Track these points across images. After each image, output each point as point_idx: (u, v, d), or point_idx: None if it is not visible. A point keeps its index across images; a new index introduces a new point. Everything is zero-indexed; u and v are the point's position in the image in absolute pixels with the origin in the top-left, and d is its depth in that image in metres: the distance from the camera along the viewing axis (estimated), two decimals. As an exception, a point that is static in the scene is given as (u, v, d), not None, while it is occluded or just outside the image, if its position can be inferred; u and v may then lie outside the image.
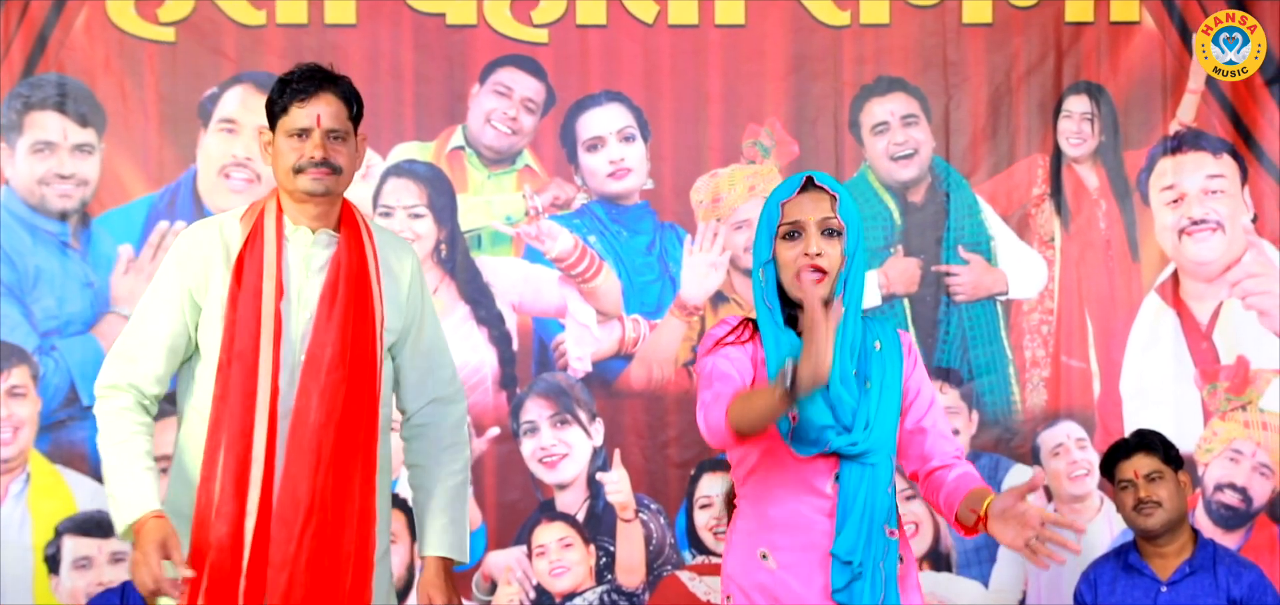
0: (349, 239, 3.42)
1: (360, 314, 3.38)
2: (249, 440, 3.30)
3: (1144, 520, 4.42)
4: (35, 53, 4.83)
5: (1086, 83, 5.02)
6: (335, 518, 3.33)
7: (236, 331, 3.32)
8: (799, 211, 3.14)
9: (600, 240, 4.95)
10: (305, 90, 3.36)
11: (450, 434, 3.59)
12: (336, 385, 3.33)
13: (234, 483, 3.29)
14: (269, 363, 3.31)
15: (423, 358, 3.55)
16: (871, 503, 3.12)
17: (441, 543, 3.56)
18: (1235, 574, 4.45)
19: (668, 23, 4.98)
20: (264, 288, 3.34)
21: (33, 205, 4.83)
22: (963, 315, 4.99)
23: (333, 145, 3.36)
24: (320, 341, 3.34)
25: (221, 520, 3.28)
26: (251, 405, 3.31)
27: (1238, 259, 5.03)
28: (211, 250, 3.39)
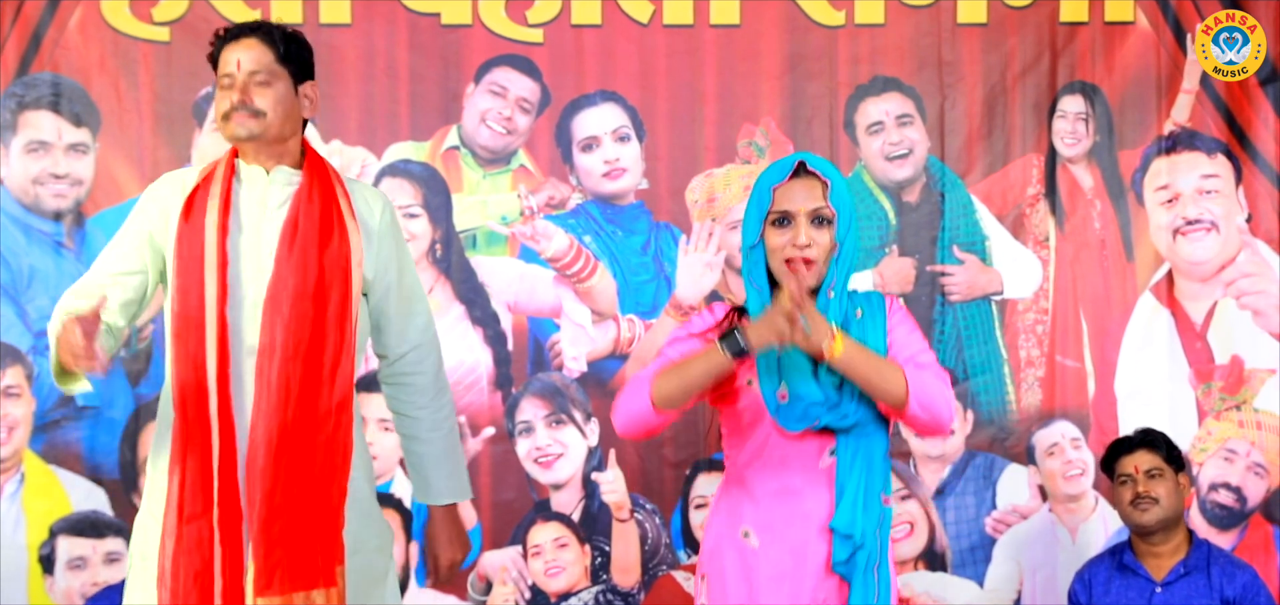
0: (312, 175, 3.41)
1: (325, 248, 3.36)
2: (202, 371, 3.29)
3: (1140, 515, 4.43)
4: (30, 52, 4.83)
5: (1081, 83, 5.03)
6: (305, 451, 3.31)
7: (182, 268, 3.34)
8: (789, 200, 3.14)
9: (595, 240, 4.95)
10: (230, 36, 3.39)
11: (434, 381, 3.60)
12: (300, 323, 3.32)
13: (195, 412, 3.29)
14: (215, 293, 3.30)
15: (404, 303, 3.54)
16: (868, 472, 3.13)
17: (445, 489, 3.61)
18: (1229, 574, 4.46)
19: (663, 23, 4.98)
20: (207, 221, 3.34)
21: (27, 205, 4.83)
22: (958, 315, 5.00)
23: (255, 88, 3.36)
24: (282, 275, 3.34)
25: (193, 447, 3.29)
26: (201, 336, 3.30)
27: (1232, 259, 5.03)
28: (170, 195, 3.42)
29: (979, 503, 4.99)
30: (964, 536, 4.98)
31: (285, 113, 3.40)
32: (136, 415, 4.81)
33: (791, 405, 3.10)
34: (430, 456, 3.60)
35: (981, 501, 4.99)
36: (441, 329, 4.91)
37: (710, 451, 4.91)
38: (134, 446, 4.81)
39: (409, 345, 3.55)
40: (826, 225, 3.13)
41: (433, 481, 3.61)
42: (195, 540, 3.28)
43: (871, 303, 3.22)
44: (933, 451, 4.95)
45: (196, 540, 3.28)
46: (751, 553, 3.15)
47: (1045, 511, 5.00)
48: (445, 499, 3.62)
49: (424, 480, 3.62)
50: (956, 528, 4.98)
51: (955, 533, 4.98)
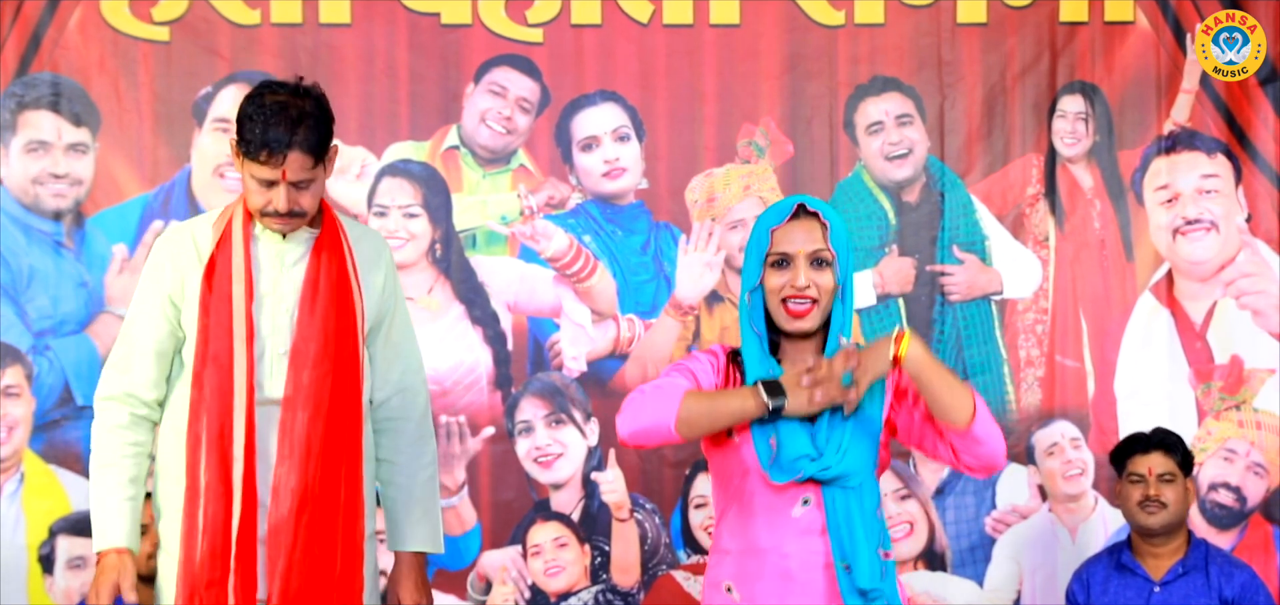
0: (327, 234, 3.47)
1: (341, 306, 3.44)
2: (229, 442, 3.37)
3: (1146, 518, 4.43)
4: (29, 52, 4.83)
5: (1081, 82, 5.03)
6: (326, 507, 3.39)
7: (210, 335, 3.39)
8: (788, 243, 3.09)
9: (595, 240, 4.95)
10: (273, 146, 3.33)
11: (418, 425, 3.61)
12: (323, 378, 3.40)
13: (219, 477, 3.36)
14: (243, 365, 3.37)
15: (393, 346, 3.58)
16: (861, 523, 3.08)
17: (417, 536, 3.61)
18: (1228, 574, 4.46)
19: (662, 22, 4.97)
20: (234, 292, 3.40)
21: (27, 205, 4.83)
22: (957, 315, 5.00)
23: (297, 193, 3.38)
24: (305, 335, 3.41)
25: (209, 523, 3.36)
26: (229, 406, 3.38)
27: (1232, 259, 5.03)
28: (185, 254, 3.46)
29: (978, 502, 4.99)
30: (964, 536, 4.98)
31: (320, 197, 3.46)
32: (136, 415, 4.81)
33: (778, 458, 3.06)
34: (404, 501, 3.60)
35: (981, 501, 4.99)
36: (442, 329, 4.91)
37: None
38: (134, 446, 4.81)
39: (392, 389, 3.58)
40: (827, 267, 3.10)
41: (404, 526, 3.61)
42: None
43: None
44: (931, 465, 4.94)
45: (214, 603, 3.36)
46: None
47: (1045, 511, 5.00)
48: (414, 546, 3.61)
49: (396, 524, 3.62)
50: (956, 527, 4.98)
51: (955, 532, 4.98)
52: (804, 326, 3.08)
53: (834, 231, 3.09)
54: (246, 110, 3.38)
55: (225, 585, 3.35)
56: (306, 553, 3.38)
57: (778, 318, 3.10)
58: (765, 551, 3.09)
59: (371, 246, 3.58)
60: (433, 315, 4.89)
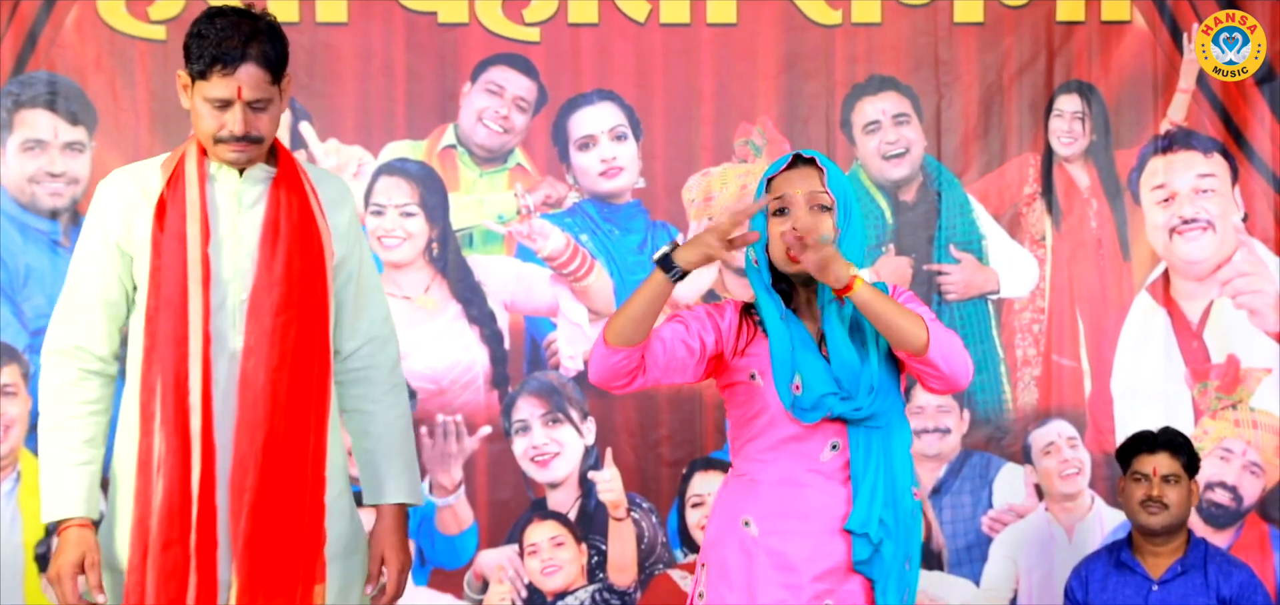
0: (285, 174, 3.29)
1: (306, 249, 3.26)
2: (185, 391, 3.18)
3: (1148, 518, 4.43)
4: (25, 51, 4.82)
5: (1078, 82, 5.03)
6: (291, 463, 3.22)
7: (162, 279, 3.20)
8: (786, 186, 3.16)
9: (592, 239, 4.95)
10: (226, 57, 3.16)
11: (389, 375, 3.46)
12: (288, 325, 3.22)
13: (175, 431, 3.17)
14: (199, 308, 3.19)
15: (362, 294, 3.42)
16: (889, 467, 3.13)
17: (399, 488, 3.45)
18: (1226, 573, 4.46)
19: (660, 21, 4.97)
20: (189, 231, 3.21)
21: (23, 203, 4.82)
22: (954, 314, 5.00)
23: (254, 116, 3.20)
24: (266, 279, 3.23)
25: (166, 473, 3.17)
26: (185, 353, 3.18)
27: (1228, 258, 5.04)
28: (132, 198, 3.27)
29: (975, 502, 4.99)
30: (960, 535, 4.99)
31: (277, 124, 3.29)
32: (133, 414, 4.81)
33: (804, 396, 3.10)
34: (382, 452, 3.44)
35: (978, 500, 4.99)
36: (438, 328, 4.91)
37: (708, 450, 4.91)
38: (130, 445, 4.80)
39: (363, 338, 3.43)
40: (826, 211, 3.15)
41: (385, 479, 3.44)
42: (170, 568, 3.17)
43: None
44: (929, 450, 4.95)
45: (172, 568, 3.17)
46: (751, 541, 3.16)
47: (1041, 510, 5.00)
48: (396, 498, 3.45)
49: (375, 478, 3.45)
50: (953, 527, 4.98)
51: (952, 532, 4.98)
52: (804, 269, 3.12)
53: (831, 177, 3.14)
54: (194, 32, 3.21)
55: (186, 544, 3.16)
56: (270, 511, 3.19)
57: (780, 263, 3.15)
58: (790, 491, 3.14)
59: (334, 187, 3.41)
60: (429, 314, 4.89)
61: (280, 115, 3.30)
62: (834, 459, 3.15)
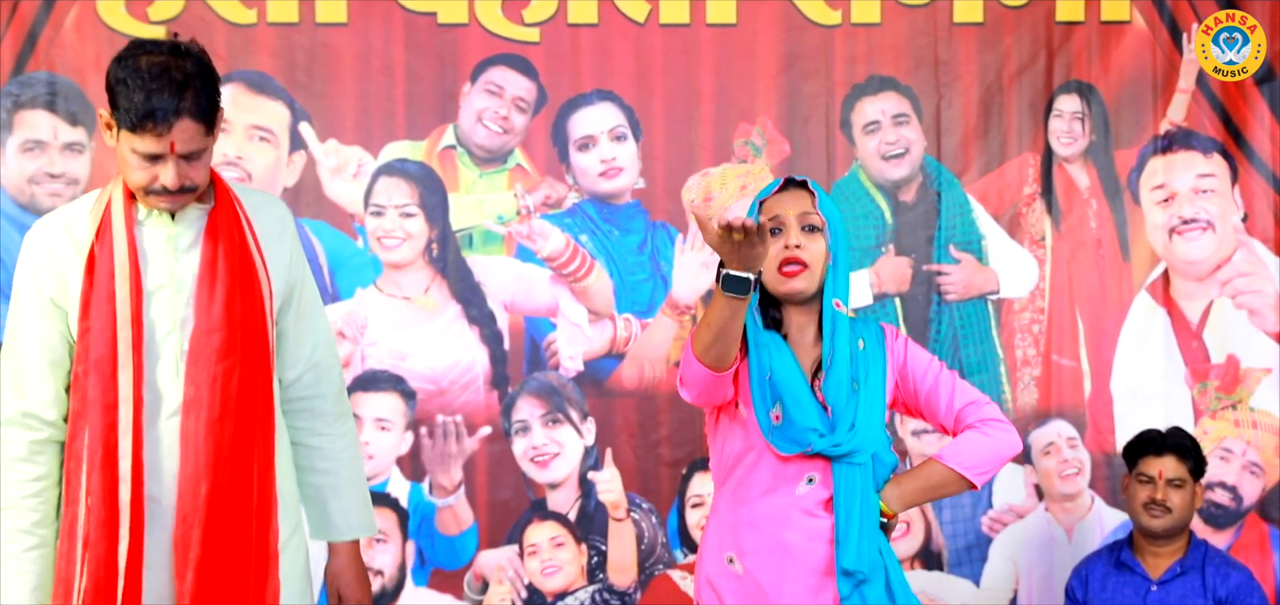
0: (222, 210, 3.09)
1: (245, 289, 3.07)
2: (114, 458, 3.00)
3: (1151, 520, 4.43)
4: (25, 51, 4.82)
5: (1077, 82, 5.03)
6: (235, 520, 3.06)
7: (91, 340, 3.01)
8: (778, 207, 3.17)
9: (592, 239, 4.95)
10: (158, 114, 2.93)
11: (335, 404, 3.30)
12: (229, 372, 3.04)
13: (103, 503, 3.00)
14: (129, 370, 3.01)
15: (304, 320, 3.24)
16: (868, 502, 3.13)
17: (351, 524, 3.31)
18: (1223, 574, 4.47)
19: (659, 22, 4.97)
20: (117, 288, 3.02)
21: (23, 204, 4.82)
22: (954, 314, 5.00)
23: (188, 167, 3.00)
24: (205, 327, 3.04)
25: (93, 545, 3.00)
26: (113, 420, 3.00)
27: (1228, 258, 5.04)
28: (61, 250, 3.08)
29: (975, 502, 4.99)
30: (960, 535, 4.98)
31: (209, 166, 3.09)
32: (132, 415, 4.80)
33: (784, 428, 3.09)
34: (331, 487, 3.29)
35: (978, 501, 4.99)
36: (438, 329, 4.91)
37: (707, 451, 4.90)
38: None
39: (305, 365, 3.26)
40: (818, 233, 3.14)
41: (333, 515, 3.30)
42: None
43: (870, 332, 3.23)
44: (929, 450, 4.95)
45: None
46: (737, 579, 3.16)
47: (1041, 511, 5.00)
48: (347, 535, 3.31)
49: (324, 515, 3.30)
50: (953, 527, 4.98)
51: (951, 532, 4.98)
52: (798, 287, 3.13)
53: (822, 201, 3.15)
54: (119, 75, 2.97)
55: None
56: (216, 567, 3.03)
57: (773, 284, 3.15)
58: (768, 526, 3.12)
59: (274, 215, 3.22)
60: (429, 315, 4.89)
61: (212, 154, 3.10)
62: (810, 493, 3.13)
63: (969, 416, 3.22)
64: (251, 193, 3.26)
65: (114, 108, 2.99)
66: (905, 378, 3.23)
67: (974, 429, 3.22)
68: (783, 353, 3.13)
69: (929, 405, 3.24)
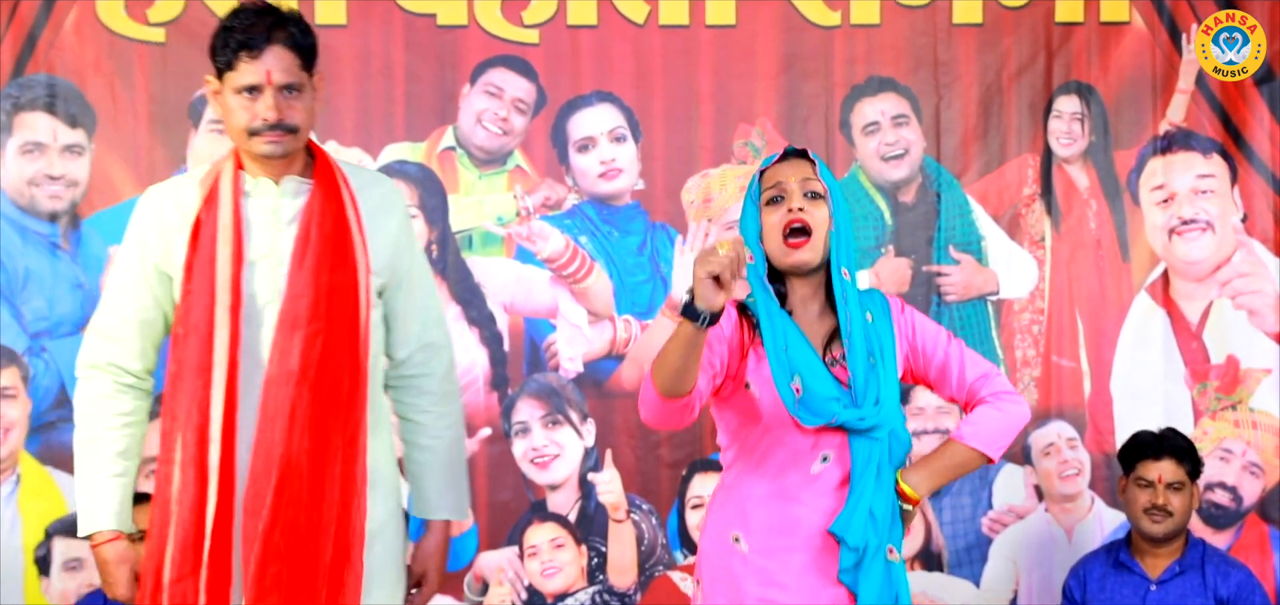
0: (322, 184, 3.18)
1: (338, 261, 3.14)
2: (206, 418, 3.09)
3: (1152, 525, 4.43)
4: (24, 53, 4.82)
5: (1077, 83, 5.03)
6: (314, 482, 3.11)
7: (192, 302, 3.12)
8: (779, 175, 3.14)
9: (591, 241, 4.95)
10: (253, 42, 3.08)
11: (442, 383, 3.37)
12: (313, 337, 3.11)
13: (194, 462, 3.09)
14: (226, 334, 3.09)
15: (413, 300, 3.32)
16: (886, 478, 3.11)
17: (443, 505, 3.38)
18: (1223, 573, 4.46)
19: (659, 23, 4.97)
20: (219, 253, 3.12)
21: (22, 206, 4.82)
22: (954, 315, 5.00)
23: (287, 102, 3.12)
24: (295, 294, 3.12)
25: (181, 506, 3.09)
26: (207, 382, 3.10)
27: (1228, 259, 5.04)
28: (168, 217, 3.20)
29: (975, 503, 4.99)
30: (960, 536, 4.98)
31: (312, 119, 3.20)
32: (132, 416, 4.80)
33: (806, 399, 3.06)
34: (428, 464, 3.37)
35: (978, 501, 4.99)
36: (438, 330, 4.92)
37: (707, 452, 4.91)
38: (130, 448, 4.80)
39: (415, 344, 3.34)
40: (820, 200, 3.13)
41: (429, 493, 3.37)
42: (178, 603, 3.10)
43: (877, 304, 3.21)
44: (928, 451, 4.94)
45: (180, 602, 3.10)
46: (741, 558, 3.11)
47: (1041, 511, 5.00)
48: (441, 514, 3.38)
49: (421, 491, 3.38)
50: (953, 527, 4.98)
51: (951, 533, 4.98)
52: (804, 259, 3.10)
53: (823, 170, 3.14)
54: (217, 29, 3.14)
55: (196, 579, 3.08)
56: (286, 538, 3.08)
57: (778, 255, 3.12)
58: (779, 504, 3.09)
59: (381, 193, 3.30)
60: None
61: (314, 111, 3.21)
62: (826, 471, 3.10)
63: (981, 389, 3.21)
64: (360, 172, 3.34)
65: (214, 62, 3.12)
66: (915, 351, 3.21)
67: (986, 403, 3.21)
68: (792, 328, 3.11)
69: (940, 378, 3.22)
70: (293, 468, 3.10)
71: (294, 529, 3.10)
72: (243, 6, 3.16)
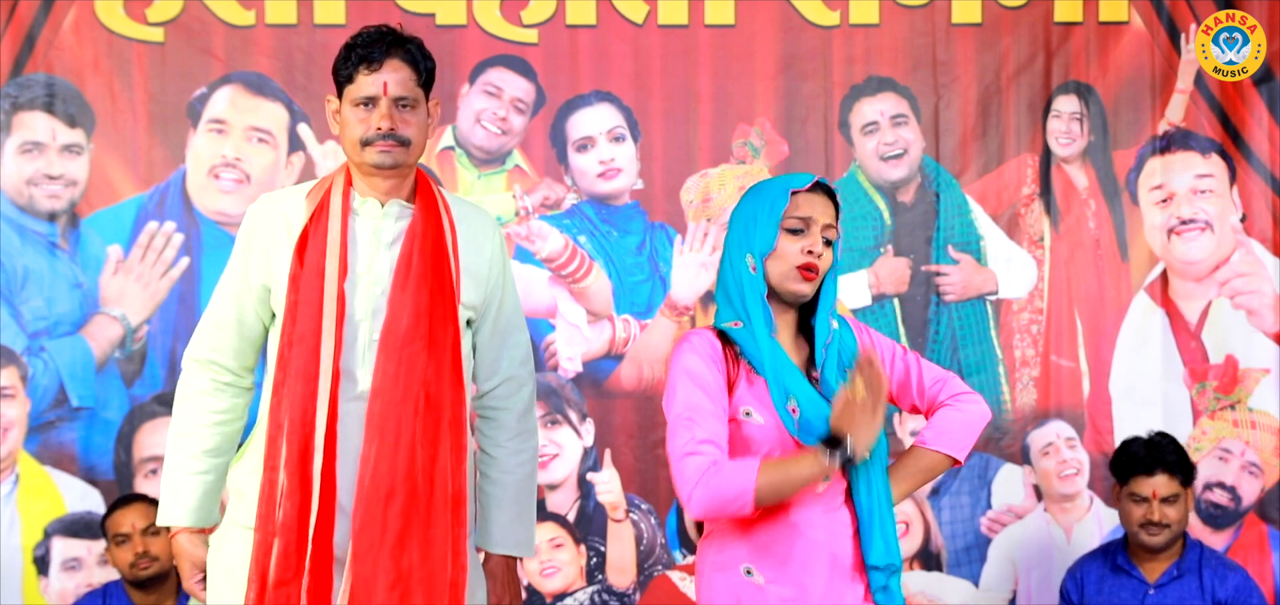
0: (424, 209, 3.27)
1: (437, 286, 3.23)
2: (311, 428, 3.17)
3: (1149, 538, 4.43)
4: (23, 53, 4.82)
5: (1076, 82, 5.03)
6: (426, 498, 3.19)
7: (298, 313, 3.19)
8: (809, 208, 3.10)
9: (590, 240, 4.95)
10: (372, 56, 3.21)
11: (519, 420, 3.43)
12: (414, 358, 3.19)
13: (298, 468, 3.16)
14: (331, 344, 3.17)
15: (500, 334, 3.40)
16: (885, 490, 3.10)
17: (507, 540, 3.42)
18: (1221, 576, 4.46)
19: (657, 23, 4.98)
20: (327, 267, 3.20)
21: (21, 206, 4.82)
22: (953, 315, 5.00)
23: (401, 115, 3.22)
24: (396, 314, 3.20)
25: (285, 511, 3.16)
26: (313, 390, 3.17)
27: (1226, 258, 5.04)
28: (273, 227, 3.28)
29: (974, 502, 4.99)
30: (959, 536, 4.99)
31: (424, 139, 3.29)
32: (131, 416, 4.81)
33: (803, 420, 3.04)
34: (496, 498, 3.41)
35: (977, 501, 4.99)
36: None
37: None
38: (129, 448, 4.80)
39: (500, 378, 3.41)
40: (830, 247, 3.13)
41: (493, 526, 3.41)
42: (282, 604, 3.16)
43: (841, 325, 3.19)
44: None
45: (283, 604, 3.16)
46: (757, 590, 3.06)
47: (1040, 511, 5.00)
48: (501, 549, 3.41)
49: (486, 522, 3.42)
50: (952, 527, 4.98)
51: (950, 532, 4.98)
52: (808, 294, 3.10)
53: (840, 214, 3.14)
54: (342, 49, 3.27)
55: (298, 584, 3.14)
56: (401, 549, 3.16)
57: (785, 282, 3.09)
58: (790, 527, 3.06)
59: (479, 225, 3.36)
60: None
61: (428, 131, 3.30)
62: (830, 489, 3.08)
63: (939, 394, 3.20)
64: (462, 202, 3.42)
65: (336, 82, 3.26)
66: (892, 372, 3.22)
67: (946, 407, 3.19)
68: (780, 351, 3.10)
69: (901, 391, 3.22)
70: (402, 486, 3.18)
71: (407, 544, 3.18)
72: (365, 28, 3.28)
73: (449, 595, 3.21)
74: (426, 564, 3.19)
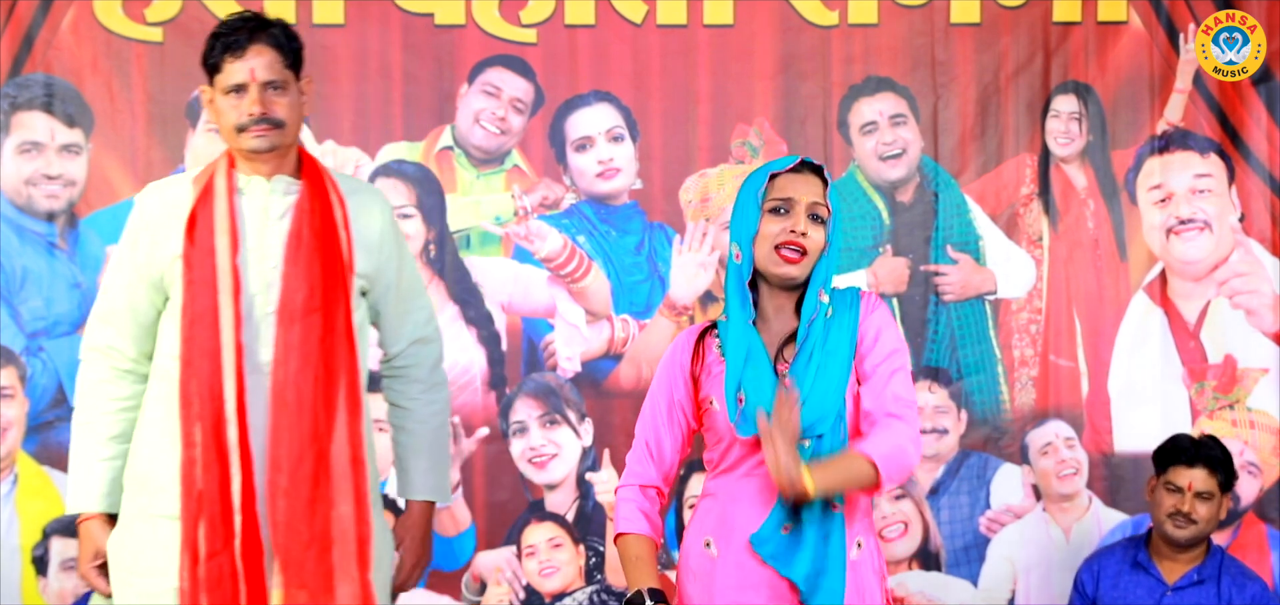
0: (311, 184, 3.38)
1: (329, 257, 3.34)
2: (220, 400, 3.27)
3: (1175, 530, 4.40)
4: (22, 53, 4.82)
5: (1074, 82, 5.03)
6: (331, 461, 3.31)
7: (195, 292, 3.29)
8: (791, 188, 3.09)
9: (589, 240, 4.95)
10: (236, 43, 3.30)
11: (430, 373, 3.59)
12: (311, 329, 3.31)
13: (213, 442, 3.27)
14: (230, 319, 3.28)
15: (403, 299, 3.53)
16: None
17: (426, 485, 3.58)
18: (1239, 585, 4.44)
19: (656, 23, 4.97)
20: (217, 244, 3.30)
21: (20, 206, 4.82)
22: (951, 315, 5.00)
23: (271, 98, 3.31)
24: (292, 287, 3.31)
25: (205, 484, 3.27)
26: (217, 364, 3.27)
27: (1225, 258, 5.04)
28: (160, 214, 3.38)
29: (973, 502, 4.99)
30: (958, 536, 4.98)
31: (298, 117, 3.38)
32: (130, 416, 4.80)
33: (747, 410, 3.06)
34: (412, 447, 3.57)
35: (975, 501, 4.99)
36: (436, 329, 4.93)
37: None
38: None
39: (405, 342, 3.55)
40: (821, 224, 3.12)
41: (412, 474, 3.58)
42: (218, 576, 3.26)
43: (844, 299, 3.15)
44: (927, 451, 4.94)
45: (219, 576, 3.26)
46: (711, 562, 3.16)
47: (1039, 511, 5.00)
48: (422, 495, 3.59)
49: (405, 472, 3.59)
50: (950, 527, 4.98)
51: (949, 532, 4.98)
52: (794, 274, 3.08)
53: (831, 190, 3.11)
54: (207, 38, 3.35)
55: (231, 552, 3.26)
56: (308, 513, 3.28)
57: (768, 264, 3.09)
58: (749, 509, 3.11)
59: (366, 197, 3.50)
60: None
61: (301, 110, 3.39)
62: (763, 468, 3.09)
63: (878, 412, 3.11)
64: (346, 178, 3.58)
65: (205, 69, 3.34)
66: (861, 355, 3.12)
67: (880, 424, 3.10)
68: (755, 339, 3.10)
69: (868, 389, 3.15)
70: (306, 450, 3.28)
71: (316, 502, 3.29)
72: (229, 15, 3.40)
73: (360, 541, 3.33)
74: (338, 522, 3.31)
